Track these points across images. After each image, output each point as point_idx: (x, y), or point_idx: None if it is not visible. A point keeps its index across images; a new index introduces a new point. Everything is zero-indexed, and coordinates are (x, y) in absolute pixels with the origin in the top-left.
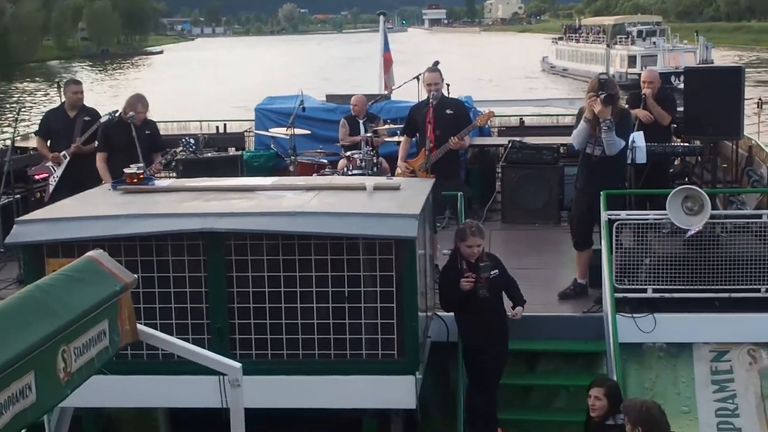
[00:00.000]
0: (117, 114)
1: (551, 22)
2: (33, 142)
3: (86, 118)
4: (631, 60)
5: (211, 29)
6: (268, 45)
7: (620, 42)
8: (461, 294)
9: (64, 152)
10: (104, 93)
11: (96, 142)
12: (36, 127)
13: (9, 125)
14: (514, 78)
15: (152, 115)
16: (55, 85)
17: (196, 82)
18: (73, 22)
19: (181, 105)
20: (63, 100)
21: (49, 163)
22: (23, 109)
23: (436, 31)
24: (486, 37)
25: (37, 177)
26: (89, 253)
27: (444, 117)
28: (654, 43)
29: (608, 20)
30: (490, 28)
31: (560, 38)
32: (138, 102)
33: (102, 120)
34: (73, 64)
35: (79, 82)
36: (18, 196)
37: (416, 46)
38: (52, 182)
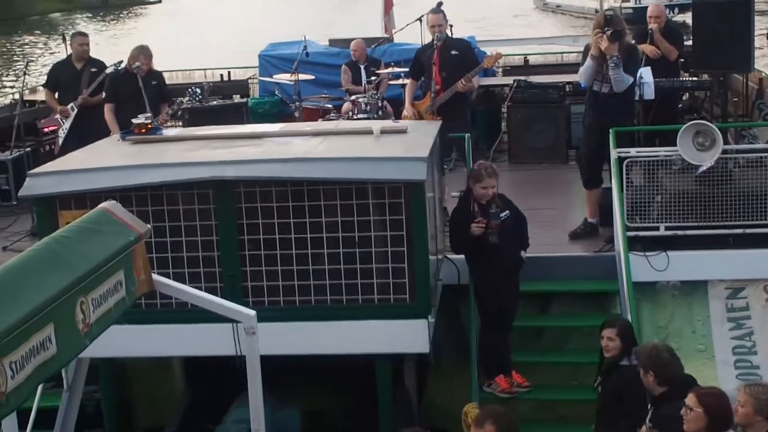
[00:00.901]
0: (122, 65)
1: None
2: (41, 95)
3: (93, 70)
4: None
5: None
6: None
7: None
8: (472, 238)
9: (72, 104)
10: (106, 44)
11: (103, 94)
12: (43, 80)
13: (17, 79)
14: (505, 17)
15: (156, 65)
16: (60, 38)
17: (196, 30)
18: None
19: (183, 53)
20: (69, 53)
21: (58, 116)
22: (30, 63)
23: None
24: None
25: (46, 129)
26: (103, 204)
27: (450, 58)
28: None
29: None
30: None
31: None
32: (140, 54)
33: (107, 71)
34: (74, 16)
35: (85, 34)
36: (28, 149)
37: None
38: (61, 134)
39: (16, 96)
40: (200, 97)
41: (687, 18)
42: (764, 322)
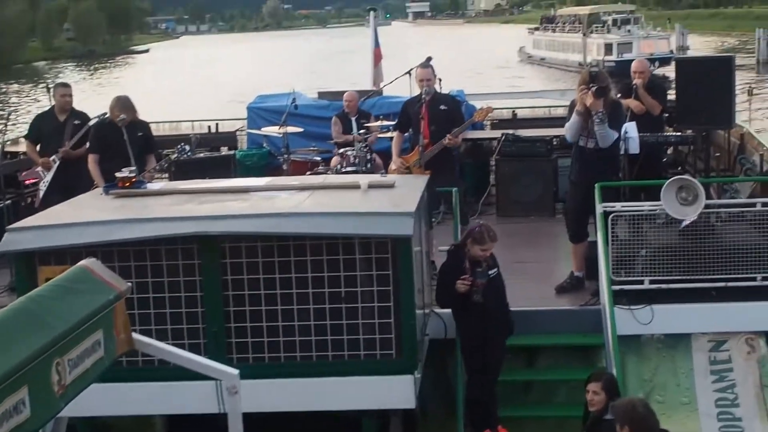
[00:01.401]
0: (105, 116)
1: (533, 13)
2: (23, 147)
3: (76, 122)
4: (608, 48)
5: (195, 27)
6: (253, 41)
7: (596, 31)
8: (457, 294)
9: (53, 157)
10: (92, 93)
11: (87, 144)
12: (25, 131)
13: None
14: (492, 68)
15: (141, 115)
16: (45, 88)
17: (184, 80)
18: (59, 23)
19: (170, 103)
20: (52, 104)
21: (39, 168)
22: (12, 113)
23: (420, 24)
24: (469, 28)
25: (27, 182)
26: (82, 262)
27: (438, 113)
28: (629, 31)
29: (584, 10)
30: (474, 19)
31: (536, 29)
32: (116, 105)
33: (91, 123)
34: (59, 65)
35: (68, 85)
36: (8, 201)
37: (400, 40)
38: (42, 187)
39: None
40: (189, 153)
41: (666, 71)
42: (746, 374)
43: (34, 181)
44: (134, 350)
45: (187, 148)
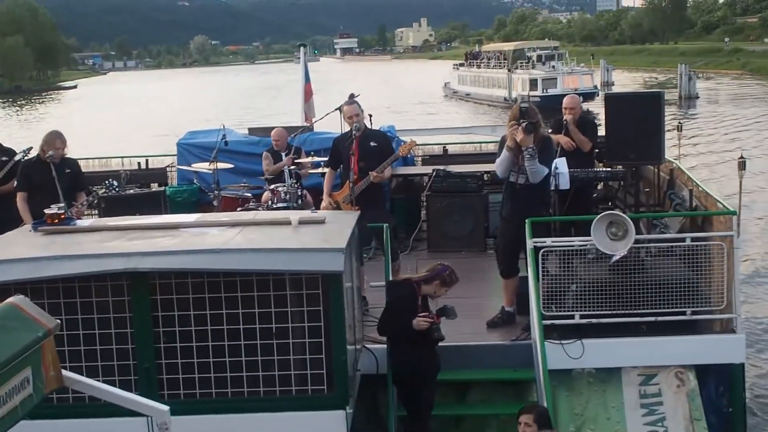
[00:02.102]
0: (30, 150)
1: (462, 49)
2: None
3: (3, 158)
4: (533, 83)
5: (122, 63)
6: (181, 77)
7: (521, 66)
8: (410, 328)
9: None
10: (18, 128)
11: (14, 182)
12: None
13: None
14: (415, 104)
15: (71, 151)
16: None
17: (113, 116)
18: None
19: (100, 139)
20: None
21: None
22: None
23: (348, 60)
24: (397, 64)
25: None
26: (10, 299)
27: (368, 149)
28: (553, 66)
29: (508, 46)
30: (402, 55)
31: (461, 64)
32: (56, 138)
33: (16, 158)
34: None
35: None
36: None
37: (327, 75)
38: None
39: None
40: (117, 188)
41: (590, 106)
42: (676, 407)
43: None
44: (64, 387)
45: (115, 183)
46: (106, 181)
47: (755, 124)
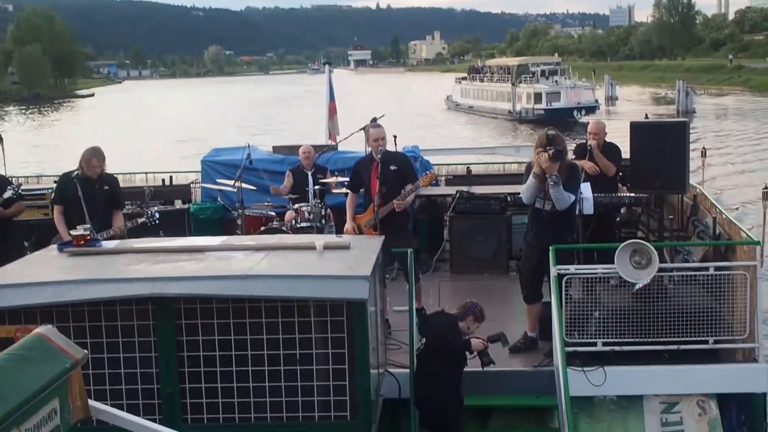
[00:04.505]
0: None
1: (477, 62)
2: None
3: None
4: (537, 97)
5: (137, 72)
6: (197, 87)
7: (525, 81)
8: (464, 351)
9: None
10: (32, 135)
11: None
12: None
13: None
14: (418, 116)
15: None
16: None
17: (132, 125)
18: (4, 66)
19: (121, 148)
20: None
21: None
22: None
23: (362, 72)
24: (409, 77)
25: None
26: (38, 330)
27: (389, 173)
28: (556, 81)
29: (512, 61)
30: (415, 68)
31: (464, 78)
32: (92, 156)
33: (5, 195)
34: (4, 108)
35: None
36: None
37: (340, 87)
38: None
39: None
40: (158, 220)
41: (589, 118)
42: None
43: None
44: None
45: (157, 215)
46: (147, 212)
47: (745, 138)
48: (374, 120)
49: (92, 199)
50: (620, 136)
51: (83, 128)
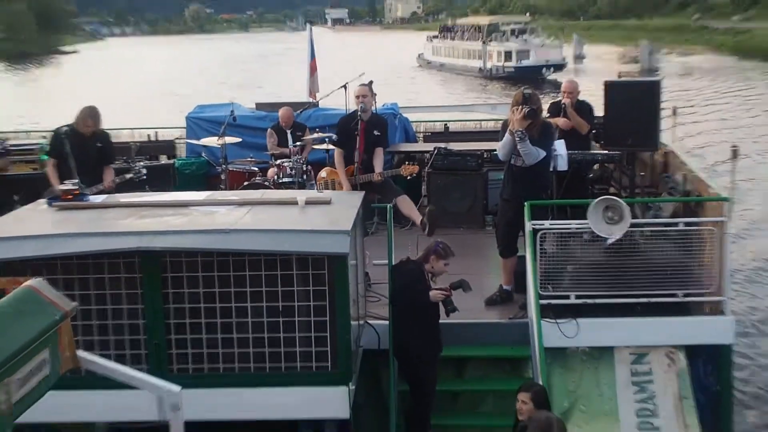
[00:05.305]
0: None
1: (448, 21)
2: None
3: None
4: (507, 55)
5: (120, 30)
6: (179, 44)
7: (495, 39)
8: (425, 301)
9: None
10: (23, 90)
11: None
12: None
13: None
14: (392, 73)
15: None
16: None
17: (116, 82)
18: None
19: (105, 104)
20: None
21: None
22: None
23: (339, 30)
24: (385, 35)
25: None
26: (28, 283)
27: (371, 138)
28: (525, 40)
29: (483, 20)
30: (391, 26)
31: (435, 36)
32: (87, 117)
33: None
34: None
35: None
36: None
37: (317, 45)
38: None
39: None
40: (145, 175)
41: (558, 77)
42: (666, 386)
43: None
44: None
45: (144, 172)
46: (134, 168)
47: (711, 97)
48: (370, 84)
49: (83, 155)
50: (587, 94)
51: (68, 84)
